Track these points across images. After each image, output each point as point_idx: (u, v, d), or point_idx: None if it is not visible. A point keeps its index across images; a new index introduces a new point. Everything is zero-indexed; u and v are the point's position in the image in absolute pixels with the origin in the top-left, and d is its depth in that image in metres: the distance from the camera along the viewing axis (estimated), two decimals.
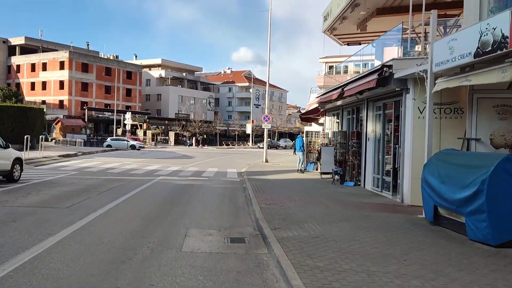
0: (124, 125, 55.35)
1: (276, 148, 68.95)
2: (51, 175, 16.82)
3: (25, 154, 21.38)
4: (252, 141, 77.21)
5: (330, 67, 36.20)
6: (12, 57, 78.20)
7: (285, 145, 72.35)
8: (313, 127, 26.75)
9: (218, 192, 14.02)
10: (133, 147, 47.73)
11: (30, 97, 72.95)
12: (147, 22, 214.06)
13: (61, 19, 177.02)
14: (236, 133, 77.83)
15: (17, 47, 78.32)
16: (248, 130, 54.24)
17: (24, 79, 75.67)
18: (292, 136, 79.32)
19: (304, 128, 29.78)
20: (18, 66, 77.02)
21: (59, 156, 25.27)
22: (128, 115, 54.39)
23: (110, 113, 67.18)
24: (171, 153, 40.64)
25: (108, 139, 51.10)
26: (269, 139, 48.74)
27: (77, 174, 17.59)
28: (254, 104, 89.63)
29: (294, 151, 29.52)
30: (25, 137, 21.84)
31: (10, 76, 78.58)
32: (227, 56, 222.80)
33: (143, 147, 51.24)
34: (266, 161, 28.02)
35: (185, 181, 16.84)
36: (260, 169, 22.02)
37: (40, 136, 27.02)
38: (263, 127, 29.51)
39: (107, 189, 13.41)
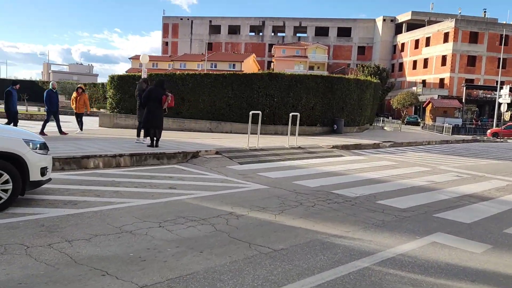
0: (499, 105, 38.47)
1: None
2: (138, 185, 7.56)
3: (295, 141, 13.11)
4: None
5: None
6: (397, 35, 73.46)
7: None
8: None
9: None
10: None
11: (411, 76, 65.93)
12: None
13: None
14: None
15: (403, 24, 72.89)
16: None
17: (407, 58, 69.32)
18: None
19: None
20: (402, 45, 71.52)
21: (342, 146, 15.38)
22: (506, 90, 37.10)
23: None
24: None
25: None
26: None
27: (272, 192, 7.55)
28: None
29: None
30: (289, 115, 13.37)
31: (394, 56, 74.31)
32: None
33: None
34: None
35: None
36: None
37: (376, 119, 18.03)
38: None
39: None
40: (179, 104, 20.56)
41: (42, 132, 13.74)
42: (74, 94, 16.18)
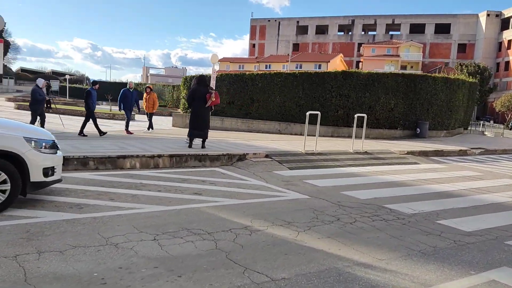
0: None
1: None
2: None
3: (362, 145, 11.93)
4: None
5: None
6: (504, 31, 66.37)
7: None
8: None
9: None
10: None
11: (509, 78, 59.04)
12: None
13: None
14: None
15: (511, 19, 65.54)
16: None
17: None
18: None
19: None
20: (509, 42, 64.48)
21: (419, 152, 13.63)
22: None
23: None
24: None
25: None
26: None
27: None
28: None
29: None
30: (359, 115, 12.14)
31: (500, 54, 67.22)
32: None
33: None
34: None
35: None
36: None
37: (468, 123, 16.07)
38: None
39: None
40: (248, 104, 20.09)
41: (128, 131, 14.25)
42: (145, 94, 16.43)
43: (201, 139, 10.28)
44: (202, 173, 8.47)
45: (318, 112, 12.09)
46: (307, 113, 11.63)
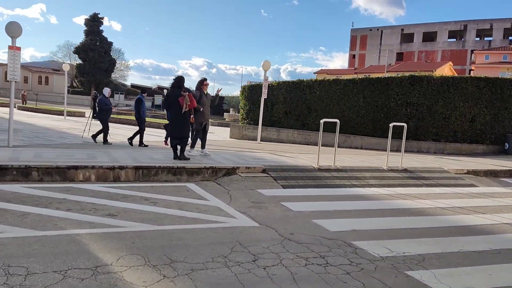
0: None
1: None
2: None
3: (409, 160, 10.05)
4: None
5: None
6: None
7: None
8: None
9: None
10: None
11: None
12: None
13: None
14: None
15: None
16: None
17: None
18: None
19: None
20: None
21: (487, 171, 10.84)
22: None
23: None
24: None
25: None
26: None
27: None
28: None
29: None
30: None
31: None
32: None
33: None
34: None
35: None
36: None
37: None
38: None
39: None
40: (305, 114, 18.52)
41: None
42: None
43: (179, 148, 9.05)
44: (162, 189, 7.31)
45: (337, 120, 10.24)
46: (321, 121, 9.86)
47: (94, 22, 51.07)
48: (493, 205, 7.68)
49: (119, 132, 17.91)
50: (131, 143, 12.37)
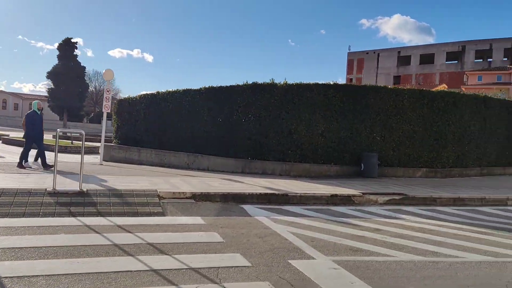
0: None
1: None
2: None
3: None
4: None
5: None
6: None
7: None
8: None
9: None
10: None
11: None
12: None
13: None
14: None
15: None
16: None
17: None
18: None
19: None
20: None
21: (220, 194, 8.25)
22: None
23: None
24: None
25: None
26: None
27: None
28: None
29: None
30: None
31: None
32: None
33: None
34: None
35: None
36: None
37: None
38: None
39: None
40: (162, 131, 16.28)
41: (21, 165, 11.00)
42: None
43: None
44: None
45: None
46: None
47: (66, 47, 50.88)
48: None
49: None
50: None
